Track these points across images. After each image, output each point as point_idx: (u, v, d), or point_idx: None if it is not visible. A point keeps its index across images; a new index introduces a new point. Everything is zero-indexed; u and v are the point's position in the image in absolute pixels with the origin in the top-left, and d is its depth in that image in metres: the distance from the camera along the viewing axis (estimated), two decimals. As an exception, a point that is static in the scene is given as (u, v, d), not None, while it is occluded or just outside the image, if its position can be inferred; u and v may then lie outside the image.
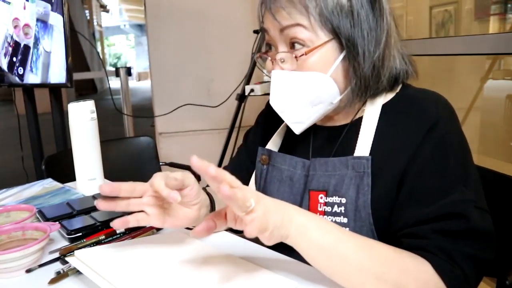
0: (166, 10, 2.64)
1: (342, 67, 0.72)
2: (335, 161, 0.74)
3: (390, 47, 0.73)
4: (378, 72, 0.72)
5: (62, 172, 1.32)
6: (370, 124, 0.74)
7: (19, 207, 0.93)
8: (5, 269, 0.71)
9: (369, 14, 0.70)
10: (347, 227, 0.70)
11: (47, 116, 2.13)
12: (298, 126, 0.76)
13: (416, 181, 0.67)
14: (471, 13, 2.40)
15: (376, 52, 0.70)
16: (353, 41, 0.69)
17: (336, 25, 0.69)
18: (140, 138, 1.85)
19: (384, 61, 0.72)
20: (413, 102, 0.72)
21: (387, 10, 0.72)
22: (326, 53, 0.70)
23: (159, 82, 2.74)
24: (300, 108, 0.74)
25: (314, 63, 0.71)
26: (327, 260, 0.61)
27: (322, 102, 0.73)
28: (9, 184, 1.20)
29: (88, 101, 1.14)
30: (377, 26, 0.70)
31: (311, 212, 0.64)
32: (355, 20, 0.69)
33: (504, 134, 2.32)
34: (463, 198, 0.64)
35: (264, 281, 0.64)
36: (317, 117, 0.75)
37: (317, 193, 0.75)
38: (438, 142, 0.67)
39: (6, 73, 2.01)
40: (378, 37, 0.70)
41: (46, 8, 1.80)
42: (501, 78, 2.40)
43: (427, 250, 0.62)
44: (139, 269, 0.67)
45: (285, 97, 0.74)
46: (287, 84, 0.73)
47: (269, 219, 0.57)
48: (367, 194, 0.69)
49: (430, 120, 0.68)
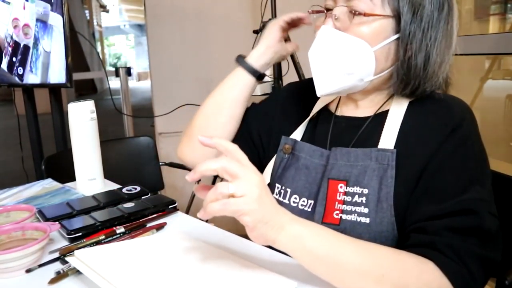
0: (166, 10, 2.64)
1: (389, 48, 0.72)
2: (358, 151, 0.74)
3: (449, 52, 0.73)
4: (433, 70, 0.72)
5: (62, 172, 1.32)
6: (396, 118, 0.74)
7: (19, 207, 0.93)
8: (5, 269, 0.71)
9: (435, 11, 0.70)
10: (368, 218, 0.70)
11: (47, 116, 2.12)
12: (323, 87, 0.76)
13: (434, 177, 0.68)
14: (471, 13, 2.40)
15: (433, 52, 0.71)
16: (411, 27, 0.70)
17: (401, 6, 0.69)
18: (140, 138, 1.85)
19: (443, 63, 0.73)
20: (439, 102, 0.73)
21: (455, 16, 0.73)
22: (380, 27, 0.71)
23: (159, 82, 2.74)
24: (334, 70, 0.74)
25: (365, 32, 0.71)
26: (325, 268, 0.61)
27: (354, 74, 0.73)
28: (9, 184, 1.20)
29: (88, 101, 1.14)
30: (438, 27, 0.71)
31: (308, 221, 0.64)
32: (419, 11, 0.70)
33: (504, 134, 2.32)
34: (478, 197, 0.65)
35: (264, 281, 0.64)
36: (343, 88, 0.75)
37: (337, 182, 0.74)
38: (460, 142, 0.68)
39: (6, 73, 2.01)
40: (437, 35, 0.71)
41: (46, 8, 1.80)
42: (501, 78, 2.40)
43: (435, 247, 0.62)
44: (139, 269, 0.67)
45: (325, 54, 0.74)
46: (332, 42, 0.73)
47: (257, 209, 0.58)
48: (390, 186, 0.70)
49: (455, 121, 0.69)
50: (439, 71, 0.73)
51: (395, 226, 0.69)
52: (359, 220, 0.70)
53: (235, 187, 0.58)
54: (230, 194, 0.58)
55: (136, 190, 1.08)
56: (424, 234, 0.64)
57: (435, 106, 0.73)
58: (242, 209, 0.57)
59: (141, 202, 0.99)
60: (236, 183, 0.58)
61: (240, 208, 0.57)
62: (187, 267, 0.68)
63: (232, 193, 0.58)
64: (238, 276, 0.65)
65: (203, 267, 0.68)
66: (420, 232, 0.65)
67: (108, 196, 1.05)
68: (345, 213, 0.72)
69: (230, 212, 0.57)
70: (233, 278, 0.64)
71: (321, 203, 0.75)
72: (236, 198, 0.57)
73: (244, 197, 0.58)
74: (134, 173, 1.79)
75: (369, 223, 0.69)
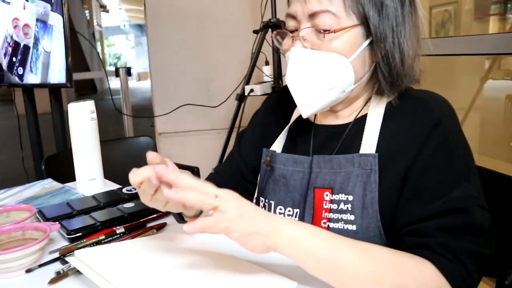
0: (166, 10, 2.64)
1: (364, 55, 0.72)
2: (340, 158, 0.74)
3: (419, 43, 0.73)
4: (409, 63, 0.72)
5: (62, 172, 1.32)
6: (375, 122, 0.74)
7: (19, 207, 0.93)
8: (5, 269, 0.71)
9: (398, 7, 0.70)
10: (354, 225, 0.70)
11: (47, 116, 2.12)
12: (307, 109, 0.75)
13: (420, 178, 0.67)
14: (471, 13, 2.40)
15: (405, 46, 0.71)
16: (380, 28, 0.70)
17: (366, 11, 0.69)
18: (140, 138, 1.85)
19: (415, 58, 0.73)
20: (417, 102, 0.73)
21: (419, 10, 0.73)
22: (351, 37, 0.70)
23: (159, 82, 2.74)
24: (314, 90, 0.73)
25: (337, 46, 0.70)
26: (324, 269, 0.61)
27: (336, 88, 0.72)
28: (9, 184, 1.20)
29: (88, 101, 1.14)
30: (404, 22, 0.71)
31: (305, 223, 0.64)
32: (384, 10, 0.69)
33: (504, 134, 2.32)
34: (466, 194, 0.64)
35: (264, 281, 0.64)
36: (327, 103, 0.74)
37: (323, 191, 0.74)
38: (441, 140, 0.68)
39: (6, 73, 2.01)
40: (406, 29, 0.71)
41: (46, 8, 1.80)
42: (501, 78, 2.40)
43: (430, 248, 0.62)
44: (139, 269, 0.67)
45: (302, 76, 0.73)
46: (306, 63, 0.72)
47: (241, 223, 0.58)
48: (374, 191, 0.70)
49: (433, 119, 0.69)
50: (414, 63, 0.73)
51: (382, 230, 0.69)
52: (346, 227, 0.70)
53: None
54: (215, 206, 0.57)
55: (136, 190, 1.07)
56: (417, 236, 0.64)
57: (412, 105, 0.73)
58: (227, 226, 0.58)
59: (141, 202, 0.99)
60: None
61: (226, 225, 0.58)
62: (187, 267, 0.68)
63: (216, 205, 0.58)
64: (238, 276, 0.65)
65: (203, 267, 0.68)
66: (413, 235, 0.65)
67: (108, 196, 1.05)
68: (332, 221, 0.72)
69: (219, 230, 0.58)
70: (233, 278, 0.64)
71: (308, 213, 0.75)
72: (220, 213, 0.57)
73: (224, 213, 0.58)
74: (134, 173, 1.79)
75: (356, 230, 0.70)
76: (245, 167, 0.91)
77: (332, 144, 0.78)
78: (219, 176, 0.94)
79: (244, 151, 0.92)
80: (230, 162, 0.95)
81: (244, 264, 0.69)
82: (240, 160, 0.93)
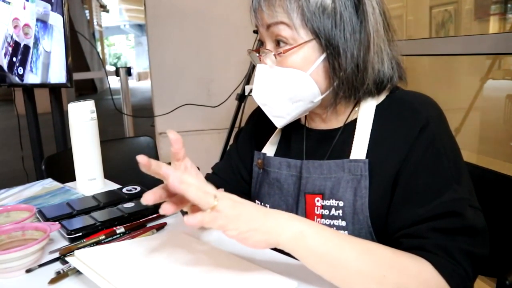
0: (166, 10, 2.64)
1: (323, 68, 0.72)
2: (330, 163, 0.74)
3: (376, 50, 0.72)
4: (362, 75, 0.72)
5: (62, 172, 1.32)
6: (365, 127, 0.74)
7: (19, 207, 0.93)
8: (5, 269, 0.71)
9: (353, 17, 0.70)
10: (346, 230, 0.71)
11: (47, 116, 2.12)
12: (279, 120, 0.77)
13: (410, 181, 0.67)
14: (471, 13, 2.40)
15: (359, 55, 0.70)
16: (334, 42, 0.70)
17: (316, 26, 0.69)
18: (140, 138, 1.85)
19: (368, 64, 0.71)
20: (404, 104, 0.73)
21: (371, 13, 0.71)
22: (306, 52, 0.71)
23: (159, 82, 2.74)
24: (280, 103, 0.75)
25: (294, 61, 0.72)
26: (327, 267, 0.61)
27: (302, 100, 0.74)
28: (9, 184, 1.20)
29: (88, 101, 1.14)
30: (361, 28, 0.70)
31: (308, 219, 0.64)
32: (338, 22, 0.69)
33: (504, 134, 2.31)
34: (457, 197, 0.65)
35: (264, 281, 0.64)
36: (298, 114, 0.76)
37: (313, 196, 0.75)
38: (429, 142, 0.68)
39: (6, 73, 2.01)
40: (362, 39, 0.70)
41: (46, 8, 1.80)
42: (501, 78, 2.40)
43: (426, 249, 0.62)
44: (139, 269, 0.67)
45: (266, 91, 0.76)
46: (268, 79, 0.75)
47: (238, 222, 0.58)
48: (364, 197, 0.70)
49: (421, 121, 0.69)
50: (383, 61, 0.73)
51: (373, 235, 0.70)
52: None
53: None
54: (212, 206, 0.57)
55: (136, 190, 1.08)
56: (413, 238, 0.64)
57: (401, 108, 0.73)
58: (224, 224, 0.58)
59: (141, 202, 0.99)
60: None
61: (223, 223, 0.58)
62: (187, 267, 0.68)
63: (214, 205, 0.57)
64: (239, 276, 0.65)
65: (203, 267, 0.68)
66: (409, 237, 0.65)
67: (108, 196, 1.05)
68: None
69: (217, 226, 0.58)
70: (233, 278, 0.64)
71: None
72: (218, 213, 0.57)
73: (221, 213, 0.58)
74: (134, 173, 1.78)
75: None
76: (243, 167, 0.92)
77: (324, 148, 0.79)
78: (218, 177, 0.94)
79: (241, 151, 0.93)
80: (228, 162, 0.95)
81: (244, 264, 0.69)
82: (238, 160, 0.93)
